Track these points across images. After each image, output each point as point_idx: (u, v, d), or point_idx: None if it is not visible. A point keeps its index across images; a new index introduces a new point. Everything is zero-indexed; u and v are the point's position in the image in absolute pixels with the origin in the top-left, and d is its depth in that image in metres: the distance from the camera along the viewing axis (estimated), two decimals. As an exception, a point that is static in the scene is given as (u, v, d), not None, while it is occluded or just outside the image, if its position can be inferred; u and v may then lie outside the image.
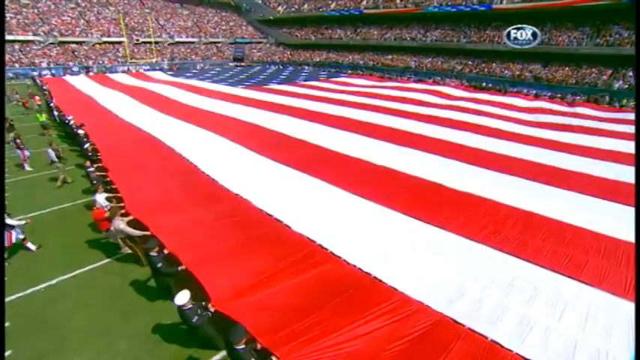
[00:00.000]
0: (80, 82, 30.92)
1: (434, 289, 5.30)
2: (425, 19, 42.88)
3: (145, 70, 42.19)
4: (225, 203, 8.09)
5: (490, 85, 31.48)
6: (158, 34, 51.68)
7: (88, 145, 11.35)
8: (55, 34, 42.53)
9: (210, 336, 4.76)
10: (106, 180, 8.92)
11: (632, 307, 5.03)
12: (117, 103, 20.79)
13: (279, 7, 60.19)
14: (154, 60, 47.08)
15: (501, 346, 4.31)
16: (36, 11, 43.91)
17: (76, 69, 39.97)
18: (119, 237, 6.94)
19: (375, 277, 5.55)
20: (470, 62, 37.01)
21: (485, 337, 4.44)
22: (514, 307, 4.98)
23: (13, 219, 7.44)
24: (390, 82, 33.95)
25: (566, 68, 30.38)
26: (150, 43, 47.73)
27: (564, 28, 31.93)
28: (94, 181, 8.72)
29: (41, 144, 13.37)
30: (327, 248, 6.31)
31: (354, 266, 5.84)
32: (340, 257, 6.07)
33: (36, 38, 41.09)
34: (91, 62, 42.70)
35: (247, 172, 10.06)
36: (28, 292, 6.24)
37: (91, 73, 38.89)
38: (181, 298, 4.61)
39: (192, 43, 55.01)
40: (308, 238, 6.62)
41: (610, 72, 27.89)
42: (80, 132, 12.70)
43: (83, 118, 14.94)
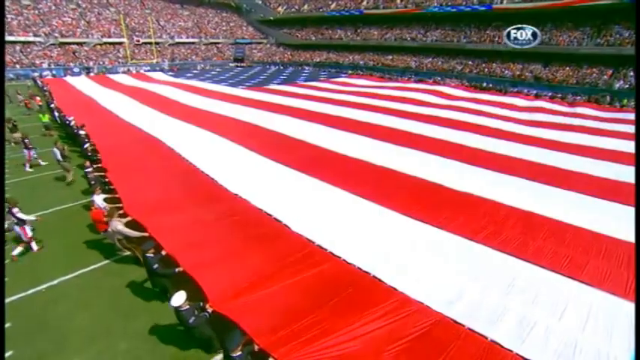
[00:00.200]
0: (81, 82, 30.99)
1: (434, 289, 5.29)
2: (425, 20, 42.91)
3: (146, 70, 42.26)
4: (224, 203, 8.09)
5: (490, 85, 31.49)
6: (159, 34, 51.77)
7: (87, 145, 11.36)
8: (55, 35, 42.64)
9: (207, 337, 4.74)
10: (105, 180, 8.91)
11: (633, 307, 5.03)
12: (117, 103, 20.83)
13: (280, 8, 60.26)
14: (155, 61, 47.17)
15: (501, 347, 4.31)
16: (37, 12, 44.00)
17: (76, 70, 40.06)
18: (117, 238, 6.95)
19: (374, 277, 5.55)
20: (470, 62, 37.01)
21: (485, 338, 4.44)
22: (514, 308, 4.98)
23: (25, 214, 7.48)
24: (390, 82, 33.97)
25: (567, 68, 30.36)
26: (150, 43, 47.82)
27: (565, 28, 31.92)
28: (92, 182, 8.72)
29: (44, 144, 13.44)
30: (326, 248, 6.31)
31: (354, 266, 5.84)
32: (340, 257, 6.06)
33: (37, 39, 41.19)
34: (91, 63, 42.79)
35: (247, 173, 10.06)
36: (29, 292, 6.25)
37: (91, 74, 38.97)
38: (178, 299, 4.60)
39: (192, 43, 55.09)
40: (307, 238, 6.62)
41: (611, 72, 27.87)
42: (81, 133, 12.73)
43: (84, 118, 14.96)
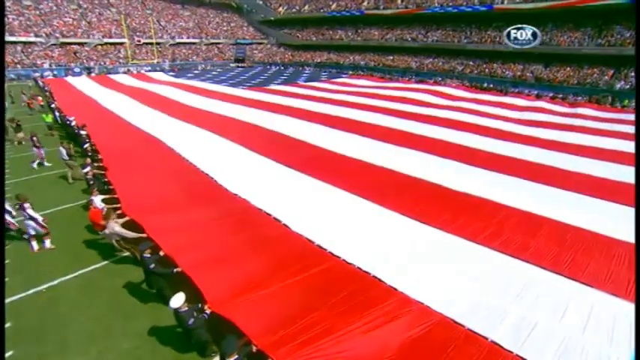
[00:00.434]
0: (82, 82, 31.05)
1: (434, 290, 5.29)
2: (426, 20, 42.89)
3: (147, 71, 42.30)
4: (223, 203, 8.10)
5: (491, 85, 31.48)
6: (159, 35, 51.79)
7: (87, 145, 11.36)
8: (56, 35, 42.67)
9: (204, 341, 4.70)
10: (104, 180, 8.91)
11: (633, 308, 5.02)
12: (118, 103, 20.85)
13: (280, 8, 60.27)
14: (156, 61, 47.20)
15: (502, 348, 4.30)
16: (38, 13, 44.05)
17: (77, 70, 40.09)
18: (114, 239, 6.95)
19: (374, 277, 5.54)
20: (471, 63, 36.99)
21: (486, 338, 4.43)
22: (514, 309, 4.97)
23: (35, 212, 7.57)
24: (391, 82, 33.97)
25: (568, 69, 30.31)
26: (151, 44, 47.85)
27: (566, 29, 31.89)
28: (91, 182, 8.72)
29: (47, 144, 13.49)
30: (326, 248, 6.30)
31: (354, 266, 5.83)
32: (339, 257, 6.06)
33: (38, 39, 41.23)
34: (92, 63, 42.80)
35: (247, 173, 10.07)
36: (29, 292, 6.25)
37: (92, 74, 39.01)
38: (176, 301, 4.57)
39: (193, 44, 55.11)
40: (307, 238, 6.62)
41: (612, 72, 27.83)
42: (82, 133, 12.74)
43: (84, 118, 14.97)
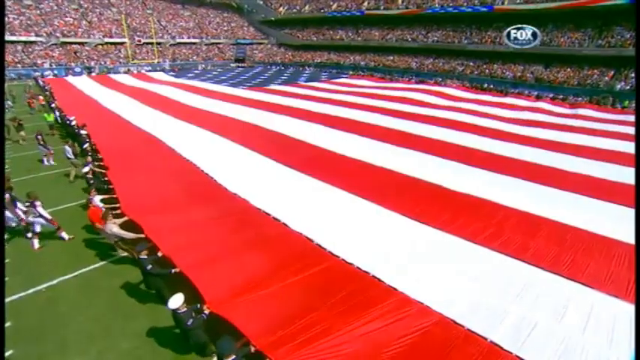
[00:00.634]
0: (82, 82, 31.06)
1: (434, 290, 5.29)
2: (426, 20, 42.91)
3: (147, 70, 42.32)
4: (223, 203, 8.10)
5: (491, 86, 31.49)
6: (160, 35, 51.81)
7: (87, 145, 11.36)
8: (57, 34, 42.70)
9: (203, 342, 4.68)
10: (104, 180, 8.91)
11: (633, 308, 5.01)
12: (118, 103, 20.86)
13: (281, 8, 60.29)
14: (156, 61, 47.23)
15: (501, 348, 4.30)
16: (38, 12, 44.08)
17: (78, 70, 40.11)
18: (113, 240, 6.96)
19: (374, 277, 5.54)
20: (471, 63, 37.01)
21: (485, 339, 4.43)
22: (514, 309, 4.97)
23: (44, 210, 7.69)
24: (391, 83, 33.98)
25: (568, 69, 30.33)
26: (152, 44, 47.87)
27: (566, 29, 31.91)
28: (91, 182, 8.72)
29: (49, 143, 13.49)
30: (325, 248, 6.30)
31: (353, 266, 5.83)
32: (339, 257, 6.06)
33: (38, 39, 41.26)
34: (93, 63, 42.83)
35: (247, 172, 10.07)
36: (29, 291, 6.25)
37: (93, 74, 39.03)
38: (175, 301, 4.54)
39: (193, 44, 55.13)
40: (306, 238, 6.62)
41: (612, 73, 27.83)
42: (82, 132, 12.74)
43: (85, 118, 14.97)
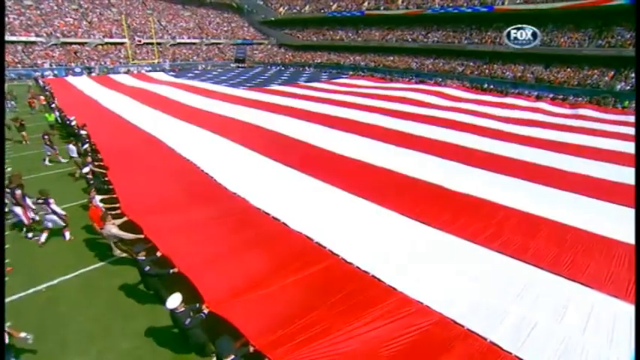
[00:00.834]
0: (82, 82, 31.07)
1: (434, 290, 5.29)
2: (426, 21, 42.93)
3: (147, 71, 42.33)
4: (223, 202, 8.11)
5: (492, 86, 31.49)
6: (160, 35, 51.83)
7: (87, 145, 11.35)
8: (57, 35, 42.72)
9: (202, 342, 4.67)
10: (103, 180, 8.91)
11: (633, 309, 5.02)
12: (118, 103, 20.86)
13: (281, 9, 60.33)
14: (156, 61, 47.24)
15: (501, 348, 4.30)
16: (39, 12, 44.10)
17: (78, 70, 40.12)
18: (112, 241, 6.96)
19: (374, 277, 5.55)
20: (471, 63, 37.02)
21: (485, 339, 4.43)
22: (514, 309, 4.97)
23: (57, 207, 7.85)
24: (391, 83, 33.98)
25: (568, 70, 30.33)
26: (152, 44, 47.87)
27: (566, 30, 31.92)
28: (91, 182, 8.73)
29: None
30: (325, 247, 6.31)
31: (353, 265, 5.83)
32: (339, 255, 6.07)
33: (39, 39, 41.27)
34: (93, 63, 42.83)
35: (247, 172, 10.07)
36: (29, 291, 6.25)
37: (93, 74, 39.05)
38: (173, 301, 4.54)
39: (193, 44, 55.15)
40: (306, 238, 6.63)
41: (612, 73, 27.84)
42: (82, 132, 12.74)
43: (85, 118, 14.98)
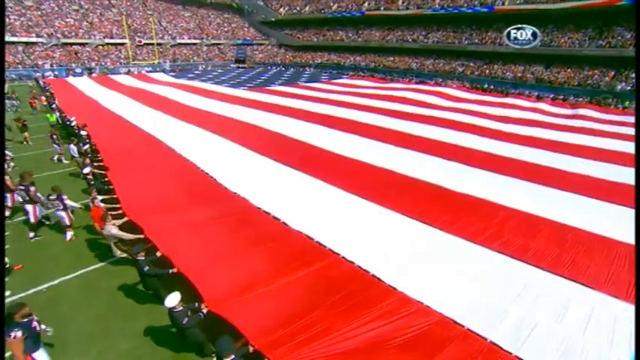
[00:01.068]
0: (83, 83, 31.12)
1: (434, 289, 5.29)
2: (427, 21, 42.94)
3: (147, 71, 42.38)
4: (223, 202, 8.12)
5: (492, 86, 31.49)
6: (160, 35, 51.90)
7: (87, 146, 11.36)
8: (58, 35, 42.80)
9: (200, 341, 4.66)
10: (104, 180, 8.92)
11: (633, 309, 5.01)
12: (119, 104, 20.88)
13: (281, 9, 60.38)
14: (157, 61, 47.28)
15: (501, 349, 4.30)
16: (39, 13, 44.17)
17: (78, 70, 40.17)
18: (112, 241, 6.96)
19: (374, 276, 5.55)
20: (472, 64, 37.02)
21: (485, 339, 4.43)
22: (514, 309, 4.97)
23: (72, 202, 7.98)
24: (391, 83, 34.00)
25: (569, 70, 30.32)
26: (152, 44, 47.94)
27: (566, 30, 31.91)
28: (91, 182, 8.74)
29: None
30: (325, 247, 6.31)
31: (353, 265, 5.83)
32: (339, 255, 6.07)
33: (39, 40, 41.34)
34: (93, 64, 42.90)
35: (247, 172, 10.08)
36: (29, 292, 6.25)
37: (93, 75, 39.09)
38: (171, 300, 4.53)
39: (194, 44, 55.22)
40: (306, 237, 6.63)
41: (613, 74, 27.83)
42: (82, 133, 12.75)
43: (85, 118, 14.99)
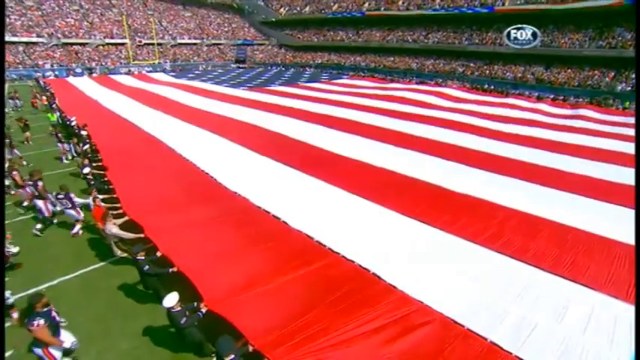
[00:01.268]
0: (83, 83, 31.13)
1: (434, 289, 5.28)
2: (427, 21, 42.95)
3: (148, 71, 42.40)
4: (223, 202, 8.12)
5: (492, 87, 31.49)
6: (161, 35, 51.92)
7: (87, 146, 11.36)
8: (58, 35, 42.83)
9: (198, 341, 4.65)
10: (104, 180, 8.93)
11: (633, 309, 5.00)
12: (119, 104, 20.89)
13: (282, 9, 60.41)
14: (157, 61, 47.31)
15: (501, 349, 4.29)
16: (40, 13, 44.21)
17: (79, 70, 40.19)
18: (112, 241, 6.96)
19: (374, 275, 5.54)
20: (472, 64, 37.02)
21: (485, 339, 4.42)
22: (514, 309, 4.96)
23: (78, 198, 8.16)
24: (391, 83, 34.00)
25: (569, 70, 30.32)
26: (152, 44, 47.97)
27: (567, 30, 31.91)
28: (91, 182, 8.74)
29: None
30: (325, 246, 6.31)
31: (353, 264, 5.83)
32: (339, 254, 6.06)
33: (40, 40, 41.37)
34: (94, 64, 42.92)
35: (247, 172, 10.08)
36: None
37: (94, 75, 39.11)
38: (170, 300, 4.53)
39: (194, 44, 55.25)
40: (306, 237, 6.63)
41: (613, 74, 27.83)
42: (83, 133, 12.75)
43: (85, 118, 14.99)
